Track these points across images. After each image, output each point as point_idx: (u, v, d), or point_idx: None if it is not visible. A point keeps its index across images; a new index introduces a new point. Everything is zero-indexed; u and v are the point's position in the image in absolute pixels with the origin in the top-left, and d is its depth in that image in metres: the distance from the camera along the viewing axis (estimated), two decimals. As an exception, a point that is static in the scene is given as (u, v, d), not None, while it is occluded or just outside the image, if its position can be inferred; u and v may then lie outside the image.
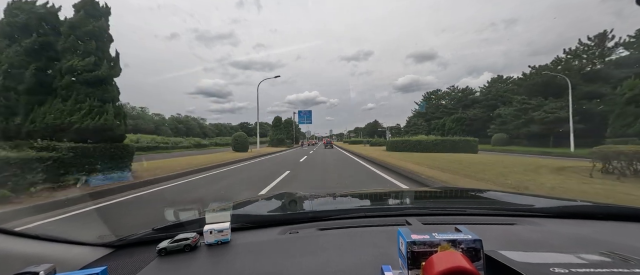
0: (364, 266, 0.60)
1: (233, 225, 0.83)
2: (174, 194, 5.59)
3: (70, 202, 4.56)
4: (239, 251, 0.73)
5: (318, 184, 6.48)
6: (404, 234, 0.50)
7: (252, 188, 6.09)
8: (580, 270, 0.42)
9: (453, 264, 0.41)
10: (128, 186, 5.92)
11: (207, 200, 4.99)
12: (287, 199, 1.45)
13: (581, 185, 5.20)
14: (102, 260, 0.77)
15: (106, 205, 4.59)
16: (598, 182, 5.47)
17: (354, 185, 6.28)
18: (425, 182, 6.12)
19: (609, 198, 4.03)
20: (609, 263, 0.47)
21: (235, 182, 7.00)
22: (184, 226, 0.91)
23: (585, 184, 5.33)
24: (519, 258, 0.49)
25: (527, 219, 0.96)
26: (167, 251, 0.73)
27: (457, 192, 1.73)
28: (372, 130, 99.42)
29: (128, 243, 0.87)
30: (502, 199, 1.33)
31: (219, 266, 0.66)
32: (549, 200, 1.29)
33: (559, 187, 4.96)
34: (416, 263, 0.47)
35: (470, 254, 0.47)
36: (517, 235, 0.79)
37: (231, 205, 1.12)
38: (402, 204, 1.45)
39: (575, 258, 0.50)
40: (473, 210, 1.11)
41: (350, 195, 1.64)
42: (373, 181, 6.86)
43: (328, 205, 1.34)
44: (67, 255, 0.72)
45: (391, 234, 0.77)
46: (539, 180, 5.76)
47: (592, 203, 1.11)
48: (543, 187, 5.02)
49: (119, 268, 0.69)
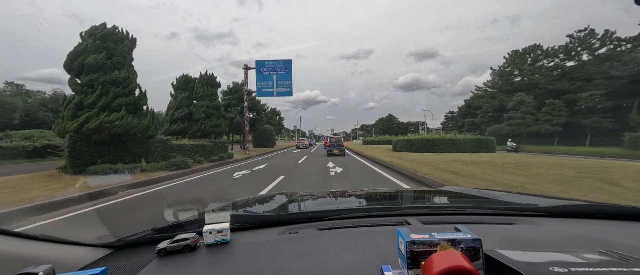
0: (364, 266, 0.61)
1: (233, 226, 0.83)
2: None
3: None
4: (239, 252, 0.73)
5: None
6: (403, 233, 0.50)
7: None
8: (579, 270, 0.42)
9: (453, 263, 0.41)
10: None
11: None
12: (287, 199, 1.45)
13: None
14: (101, 261, 0.77)
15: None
16: None
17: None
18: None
19: None
20: (609, 262, 0.47)
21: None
22: (183, 227, 0.91)
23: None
24: (519, 258, 0.49)
25: (527, 219, 0.96)
26: (166, 252, 0.73)
27: (457, 192, 1.74)
28: (387, 128, 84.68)
29: (128, 244, 0.86)
30: (501, 199, 1.34)
31: (219, 267, 0.66)
32: (549, 199, 1.29)
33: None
34: (416, 263, 0.47)
35: (469, 254, 0.47)
36: (517, 235, 0.79)
37: (231, 206, 1.12)
38: (402, 204, 1.45)
39: (575, 257, 0.50)
40: (472, 210, 1.11)
41: (349, 196, 1.64)
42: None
43: (328, 206, 1.34)
44: (66, 256, 0.72)
45: (391, 234, 0.77)
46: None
47: (591, 203, 1.11)
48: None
49: (118, 269, 0.69)
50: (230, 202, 1.30)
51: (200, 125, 14.30)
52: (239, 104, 21.94)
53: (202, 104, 14.57)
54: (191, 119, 14.59)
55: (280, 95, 18.00)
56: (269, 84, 17.71)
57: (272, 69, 17.68)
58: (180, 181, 7.32)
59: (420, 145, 18.43)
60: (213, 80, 15.39)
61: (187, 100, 14.82)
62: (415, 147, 18.53)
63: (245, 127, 18.65)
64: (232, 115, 20.81)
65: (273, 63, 17.73)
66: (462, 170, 7.61)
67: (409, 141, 19.47)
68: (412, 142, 19.17)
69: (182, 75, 15.14)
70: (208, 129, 14.29)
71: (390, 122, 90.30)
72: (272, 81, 17.68)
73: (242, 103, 20.38)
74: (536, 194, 1.81)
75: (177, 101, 14.66)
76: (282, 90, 17.75)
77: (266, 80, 17.68)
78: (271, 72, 17.65)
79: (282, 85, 17.74)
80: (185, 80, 15.24)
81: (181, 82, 15.10)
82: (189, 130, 14.32)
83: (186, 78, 15.26)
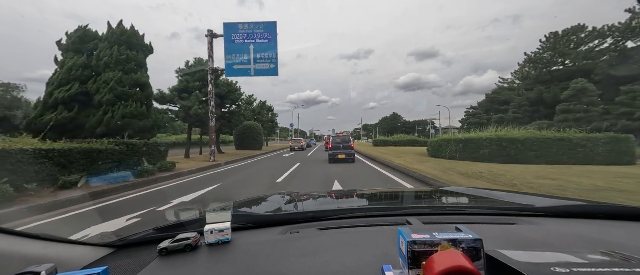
0: (365, 266, 0.61)
1: (234, 225, 0.83)
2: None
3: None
4: (240, 251, 0.73)
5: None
6: (404, 233, 0.50)
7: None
8: (581, 270, 0.42)
9: (454, 263, 0.41)
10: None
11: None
12: (288, 199, 1.45)
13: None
14: (103, 260, 0.77)
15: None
16: None
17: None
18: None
19: None
20: (610, 263, 0.47)
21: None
22: (184, 226, 0.91)
23: None
24: (520, 258, 0.49)
25: (528, 219, 0.96)
26: (168, 251, 0.73)
27: (458, 192, 1.74)
28: (391, 127, 79.21)
29: (129, 243, 0.87)
30: (502, 199, 1.33)
31: (220, 266, 0.66)
32: (550, 199, 1.29)
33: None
34: (417, 263, 0.47)
35: (471, 254, 0.47)
36: (518, 235, 0.79)
37: (232, 205, 1.13)
38: (403, 203, 1.44)
39: (576, 258, 0.50)
40: (474, 210, 1.11)
41: (350, 195, 1.64)
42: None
43: (329, 205, 1.34)
44: (68, 255, 0.72)
45: (392, 234, 0.77)
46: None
47: (593, 203, 1.10)
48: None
49: (120, 268, 0.69)
50: (231, 202, 1.31)
51: (104, 115, 8.21)
52: (204, 88, 14.88)
53: (108, 78, 8.35)
54: (88, 105, 8.39)
55: (260, 75, 11.94)
56: (244, 57, 11.65)
57: (249, 35, 11.70)
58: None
59: (495, 148, 10.62)
60: (135, 37, 9.20)
61: (82, 72, 8.31)
62: (482, 151, 10.81)
63: (210, 122, 12.66)
64: (189, 104, 13.93)
65: (250, 27, 11.69)
66: None
67: (470, 141, 11.35)
68: (474, 142, 11.19)
69: (79, 28, 8.97)
70: (118, 121, 8.22)
71: (394, 120, 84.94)
72: (248, 53, 11.61)
73: (207, 87, 13.47)
74: (537, 194, 1.80)
75: (61, 74, 8.17)
76: (263, 66, 11.64)
77: (239, 52, 11.67)
78: (247, 40, 11.71)
79: (263, 59, 11.59)
80: (83, 37, 8.82)
81: (74, 40, 8.70)
82: (85, 124, 8.22)
83: (85, 33, 8.90)
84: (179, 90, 14.74)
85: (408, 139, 33.57)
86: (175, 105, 14.83)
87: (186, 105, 14.05)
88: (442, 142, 13.22)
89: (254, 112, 29.87)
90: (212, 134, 12.98)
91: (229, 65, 11.94)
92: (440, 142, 13.38)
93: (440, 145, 13.27)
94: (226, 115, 18.52)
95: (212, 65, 12.51)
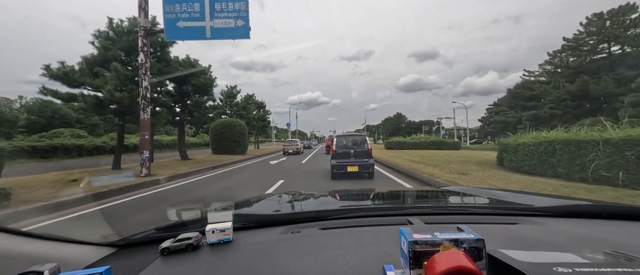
0: (366, 266, 0.60)
1: (235, 225, 0.83)
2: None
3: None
4: (241, 251, 0.73)
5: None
6: (406, 233, 0.50)
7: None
8: (583, 270, 0.41)
9: (455, 263, 0.41)
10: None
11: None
12: (289, 199, 1.45)
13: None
14: (105, 260, 0.78)
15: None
16: None
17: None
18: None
19: None
20: (613, 262, 0.46)
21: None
22: (186, 226, 0.91)
23: None
24: (522, 257, 0.49)
25: (530, 218, 0.95)
26: (169, 251, 0.73)
27: (459, 192, 1.73)
28: (395, 127, 75.17)
29: (131, 243, 0.87)
30: (504, 198, 1.33)
31: (221, 266, 0.66)
32: (552, 199, 1.28)
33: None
34: (418, 262, 0.47)
35: (472, 254, 0.47)
36: (520, 235, 0.79)
37: (233, 205, 1.13)
38: (404, 203, 1.44)
39: (579, 257, 0.49)
40: (475, 209, 1.11)
41: (352, 195, 1.64)
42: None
43: (330, 205, 1.34)
44: (71, 254, 0.73)
45: (393, 234, 0.77)
46: None
47: (596, 202, 1.10)
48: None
49: (122, 267, 0.70)
50: (233, 202, 1.31)
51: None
52: (134, 62, 9.55)
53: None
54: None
55: (221, 37, 7.74)
56: (195, 7, 7.62)
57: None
58: None
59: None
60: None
61: None
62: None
63: (143, 114, 7.86)
64: (100, 83, 8.62)
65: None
66: None
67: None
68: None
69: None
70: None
71: (399, 121, 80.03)
72: (200, 2, 7.61)
73: (144, 58, 7.93)
74: (539, 193, 1.79)
75: None
76: (226, 23, 7.65)
77: (187, 0, 7.63)
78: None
79: (226, 11, 7.63)
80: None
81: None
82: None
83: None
84: (93, 64, 9.02)
85: (432, 139, 26.64)
86: (86, 87, 9.09)
87: (96, 85, 8.69)
88: (556, 147, 6.20)
89: (238, 108, 25.16)
90: (145, 132, 7.95)
91: (169, 22, 7.67)
92: (547, 147, 6.45)
93: (553, 152, 6.27)
94: (189, 107, 13.76)
95: (145, 23, 7.77)
